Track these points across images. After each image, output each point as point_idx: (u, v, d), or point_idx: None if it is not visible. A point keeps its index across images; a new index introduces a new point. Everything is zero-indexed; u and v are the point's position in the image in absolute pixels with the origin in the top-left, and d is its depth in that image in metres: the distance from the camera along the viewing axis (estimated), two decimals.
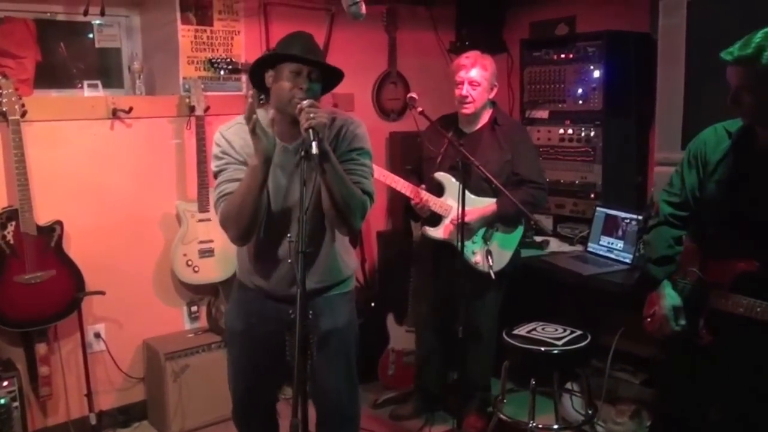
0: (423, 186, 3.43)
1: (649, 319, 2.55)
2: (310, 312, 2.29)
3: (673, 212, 2.49)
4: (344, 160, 2.31)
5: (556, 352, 3.01)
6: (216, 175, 2.37)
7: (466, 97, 3.32)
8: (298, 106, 2.14)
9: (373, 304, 4.17)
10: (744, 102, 2.15)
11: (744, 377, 2.33)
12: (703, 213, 2.43)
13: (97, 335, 3.55)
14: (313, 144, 2.03)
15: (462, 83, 3.32)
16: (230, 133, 2.38)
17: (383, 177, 3.35)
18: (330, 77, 2.36)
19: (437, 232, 3.40)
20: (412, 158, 3.83)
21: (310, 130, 2.06)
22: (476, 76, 3.30)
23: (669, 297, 2.41)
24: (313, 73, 2.25)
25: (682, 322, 2.38)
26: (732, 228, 2.31)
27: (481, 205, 3.32)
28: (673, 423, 2.62)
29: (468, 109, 3.34)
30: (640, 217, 3.51)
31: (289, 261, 2.22)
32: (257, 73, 2.35)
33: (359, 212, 2.28)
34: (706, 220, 2.41)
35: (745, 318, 2.21)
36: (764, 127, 2.22)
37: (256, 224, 2.28)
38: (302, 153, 2.08)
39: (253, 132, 2.12)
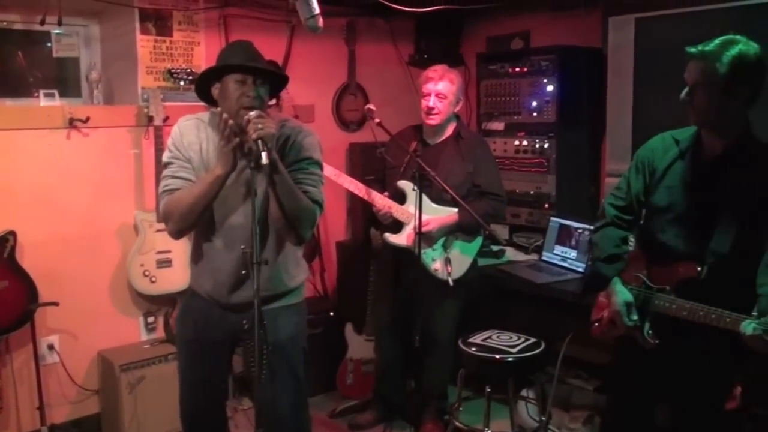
0: (386, 193, 3.47)
1: (596, 324, 2.62)
2: (244, 322, 2.33)
3: (618, 215, 2.55)
4: (293, 169, 2.33)
5: (510, 359, 3.07)
6: (165, 166, 2.41)
7: (433, 108, 3.39)
8: (246, 117, 2.17)
9: (332, 314, 4.19)
10: (696, 100, 2.22)
11: (687, 380, 2.41)
12: (649, 218, 2.51)
13: (51, 347, 3.50)
14: (263, 154, 2.06)
15: (429, 95, 3.39)
16: (186, 127, 2.42)
17: (335, 176, 3.39)
18: (275, 81, 2.41)
19: (399, 239, 3.44)
20: (371, 168, 3.87)
21: (259, 141, 2.09)
22: (443, 88, 3.38)
23: (621, 293, 2.45)
24: (258, 79, 2.29)
25: (635, 317, 2.42)
26: (677, 234, 2.38)
27: (443, 214, 3.38)
28: (620, 426, 2.70)
29: (433, 120, 3.41)
30: (593, 227, 3.60)
31: (243, 272, 2.24)
32: (204, 87, 2.37)
33: (308, 221, 2.31)
34: (652, 225, 2.48)
35: (688, 322, 2.29)
36: (710, 131, 2.30)
37: (195, 226, 2.37)
38: (252, 164, 2.11)
39: (230, 150, 2.18)
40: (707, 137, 2.32)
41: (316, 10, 2.58)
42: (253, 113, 2.17)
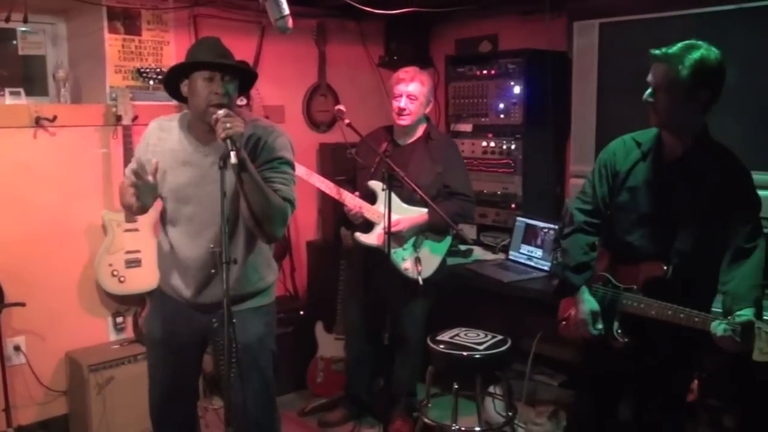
0: (357, 193, 3.51)
1: (564, 323, 2.68)
2: (214, 321, 2.36)
3: (586, 219, 2.62)
4: (264, 168, 2.35)
5: (477, 356, 3.12)
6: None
7: (404, 109, 3.43)
8: (214, 116, 2.17)
9: (302, 313, 4.21)
10: (659, 102, 2.30)
11: (650, 376, 2.49)
12: (614, 219, 2.58)
13: (17, 348, 3.46)
14: (232, 153, 2.06)
15: (400, 96, 3.44)
16: (157, 127, 2.48)
17: (307, 175, 3.41)
18: (245, 78, 2.42)
19: (370, 239, 3.47)
20: (342, 169, 3.90)
21: (228, 140, 2.09)
22: (414, 90, 3.42)
23: (587, 302, 2.53)
24: (227, 76, 2.30)
25: (600, 326, 2.50)
26: (642, 234, 2.46)
27: (414, 214, 3.42)
28: (586, 421, 2.77)
29: (405, 121, 3.45)
30: (564, 232, 3.67)
31: (213, 272, 2.25)
32: (173, 84, 2.39)
33: (279, 220, 2.31)
34: (617, 225, 2.55)
35: (652, 320, 2.36)
36: (670, 133, 2.38)
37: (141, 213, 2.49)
38: (220, 163, 2.11)
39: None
40: (668, 139, 2.40)
41: (286, 11, 2.60)
42: (221, 112, 2.17)
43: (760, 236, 2.31)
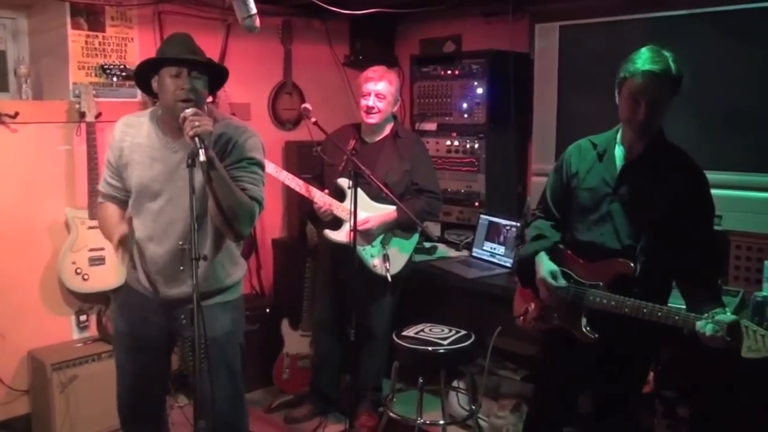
0: (326, 191, 3.54)
1: (521, 318, 2.75)
2: (183, 317, 2.38)
3: (544, 213, 2.73)
4: (233, 167, 2.36)
5: (442, 351, 3.18)
6: (106, 165, 2.52)
7: (372, 108, 3.48)
8: (182, 115, 2.18)
9: (268, 310, 4.23)
10: (654, 113, 2.34)
11: (608, 369, 2.56)
12: (575, 219, 2.66)
13: None
14: (200, 152, 2.08)
15: (368, 95, 3.48)
16: (123, 123, 2.47)
17: (276, 172, 3.44)
18: (216, 73, 2.42)
19: (339, 236, 3.51)
20: (307, 167, 3.93)
21: (196, 138, 2.11)
22: (382, 89, 3.47)
23: (545, 264, 2.58)
24: (194, 72, 2.30)
25: (563, 281, 2.55)
26: (603, 233, 2.52)
27: (383, 212, 3.47)
28: (545, 414, 2.84)
29: (373, 120, 3.50)
30: (520, 224, 3.76)
31: (182, 268, 2.27)
32: (144, 80, 2.39)
33: (246, 219, 2.33)
34: (578, 225, 2.62)
35: (612, 316, 2.41)
36: (641, 137, 2.42)
37: None
38: (188, 161, 2.12)
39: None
40: (631, 141, 2.46)
41: (253, 10, 2.62)
42: (189, 111, 2.18)
43: (715, 241, 2.40)
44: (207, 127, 2.15)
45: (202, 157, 2.08)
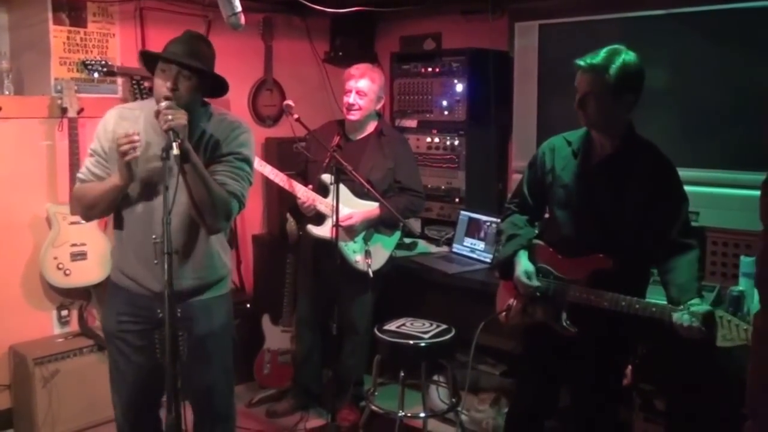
0: (310, 186, 3.57)
1: (503, 314, 2.80)
2: (179, 311, 2.36)
3: (519, 208, 2.80)
4: (219, 161, 2.39)
5: (423, 344, 3.22)
6: (89, 153, 2.46)
7: (353, 105, 3.52)
8: (156, 108, 2.20)
9: (248, 306, 4.25)
10: (588, 107, 2.45)
11: (587, 363, 2.62)
12: (552, 215, 2.72)
13: None
14: (174, 145, 2.10)
15: (350, 92, 3.52)
16: (117, 115, 2.44)
17: (260, 166, 3.46)
18: (205, 78, 2.40)
19: (321, 231, 3.54)
20: (288, 163, 3.94)
21: (170, 132, 2.13)
22: (364, 86, 3.51)
23: (522, 264, 2.66)
24: (185, 72, 2.30)
25: (535, 281, 2.62)
26: (580, 229, 2.59)
27: (367, 208, 3.51)
28: (526, 408, 2.90)
29: (354, 116, 3.54)
30: (500, 221, 3.81)
31: (155, 262, 2.25)
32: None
33: (222, 213, 2.34)
34: (555, 221, 2.68)
35: (590, 310, 2.48)
36: (601, 133, 2.53)
37: (102, 217, 2.52)
38: (163, 154, 2.15)
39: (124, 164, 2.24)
40: (597, 138, 2.55)
41: (238, 7, 2.64)
42: (163, 104, 2.20)
43: (693, 233, 2.48)
44: (180, 120, 2.17)
45: (175, 150, 2.10)
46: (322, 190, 3.55)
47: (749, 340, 2.14)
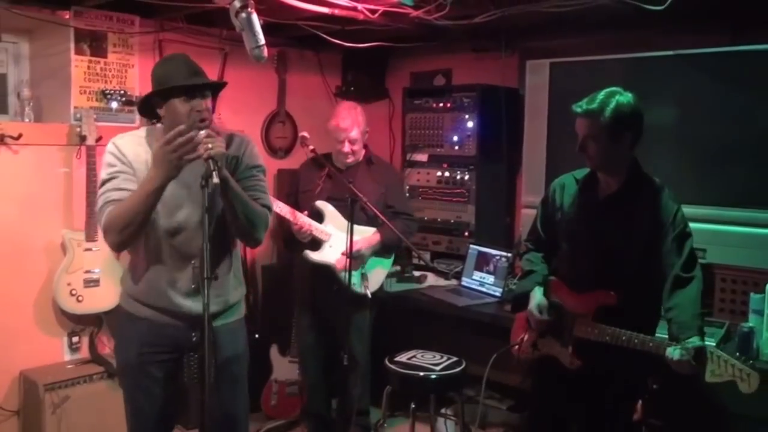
0: (305, 212, 3.60)
1: (517, 346, 2.83)
2: (194, 336, 2.39)
3: (534, 245, 2.86)
4: (245, 176, 2.47)
5: (433, 376, 3.24)
6: (105, 182, 2.36)
7: (348, 153, 3.61)
8: (195, 138, 2.17)
9: (257, 336, 4.25)
10: (589, 149, 2.52)
11: (598, 397, 2.64)
12: (562, 251, 2.77)
13: None
14: (214, 174, 2.11)
15: (344, 142, 3.60)
16: (123, 143, 2.41)
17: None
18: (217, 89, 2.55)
19: (321, 256, 3.55)
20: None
21: (210, 161, 2.14)
22: (355, 135, 3.61)
23: (537, 298, 2.71)
24: (206, 91, 2.36)
25: (546, 315, 2.68)
26: (588, 265, 2.63)
27: (366, 234, 3.55)
28: None
29: (350, 160, 3.65)
30: (509, 254, 3.85)
31: (193, 287, 2.32)
32: (147, 108, 2.43)
33: (263, 226, 2.45)
34: (566, 257, 2.73)
35: (601, 346, 2.51)
36: (605, 173, 2.60)
37: (137, 238, 2.33)
38: (202, 182, 2.14)
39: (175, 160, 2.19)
40: (603, 177, 2.62)
41: (262, 40, 2.70)
42: (202, 133, 2.19)
43: (697, 266, 2.51)
44: (220, 149, 2.18)
45: (215, 179, 2.11)
46: (316, 217, 3.60)
47: (737, 377, 2.19)
